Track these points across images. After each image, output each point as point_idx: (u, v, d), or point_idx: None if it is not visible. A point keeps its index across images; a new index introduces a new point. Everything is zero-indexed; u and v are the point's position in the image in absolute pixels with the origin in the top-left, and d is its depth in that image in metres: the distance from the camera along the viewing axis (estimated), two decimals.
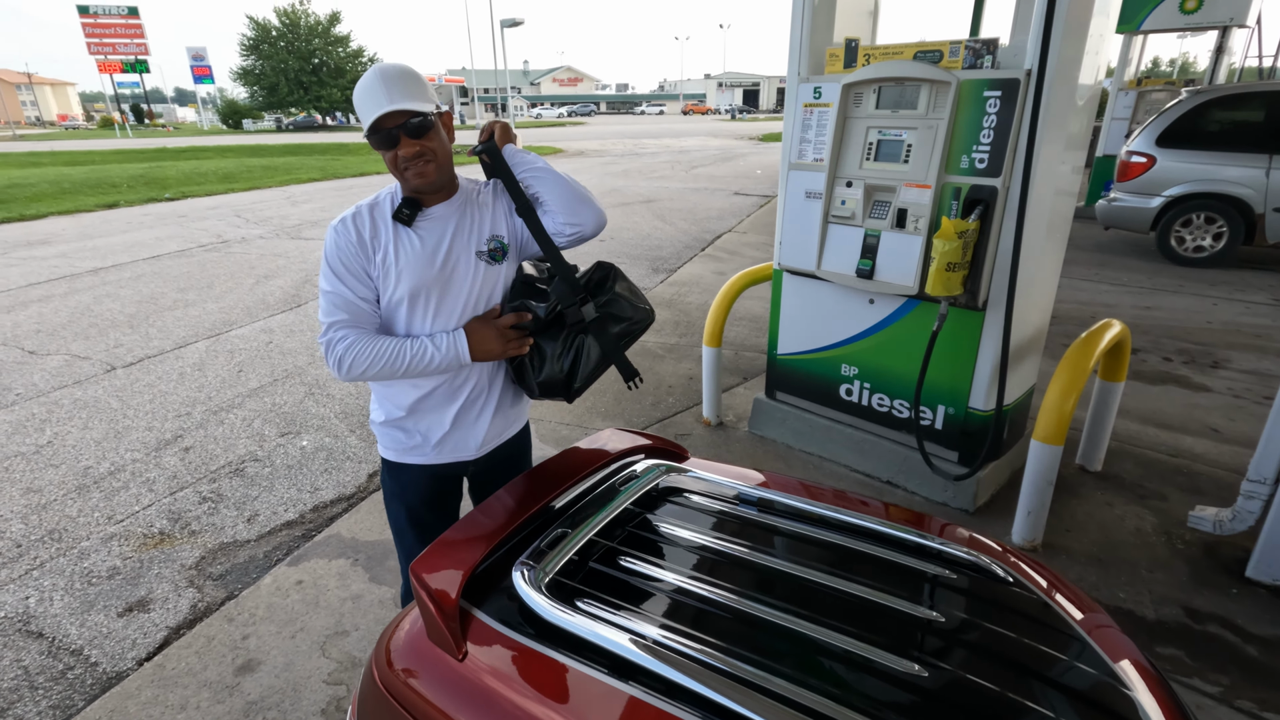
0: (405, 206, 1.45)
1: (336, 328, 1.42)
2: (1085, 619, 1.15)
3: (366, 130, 1.38)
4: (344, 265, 1.42)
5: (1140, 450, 3.24)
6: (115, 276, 6.94)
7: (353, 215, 1.44)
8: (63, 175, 16.04)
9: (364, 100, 1.36)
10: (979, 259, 2.44)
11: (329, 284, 1.44)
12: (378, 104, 1.34)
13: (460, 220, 1.50)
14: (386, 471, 1.65)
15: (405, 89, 1.36)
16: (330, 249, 1.44)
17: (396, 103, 1.33)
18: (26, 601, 2.40)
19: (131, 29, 45.58)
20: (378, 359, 1.41)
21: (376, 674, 1.22)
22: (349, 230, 1.42)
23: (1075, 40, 2.29)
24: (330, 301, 1.43)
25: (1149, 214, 6.80)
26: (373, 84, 1.35)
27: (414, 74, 1.39)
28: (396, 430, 1.57)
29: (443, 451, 1.58)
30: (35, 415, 3.86)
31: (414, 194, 1.47)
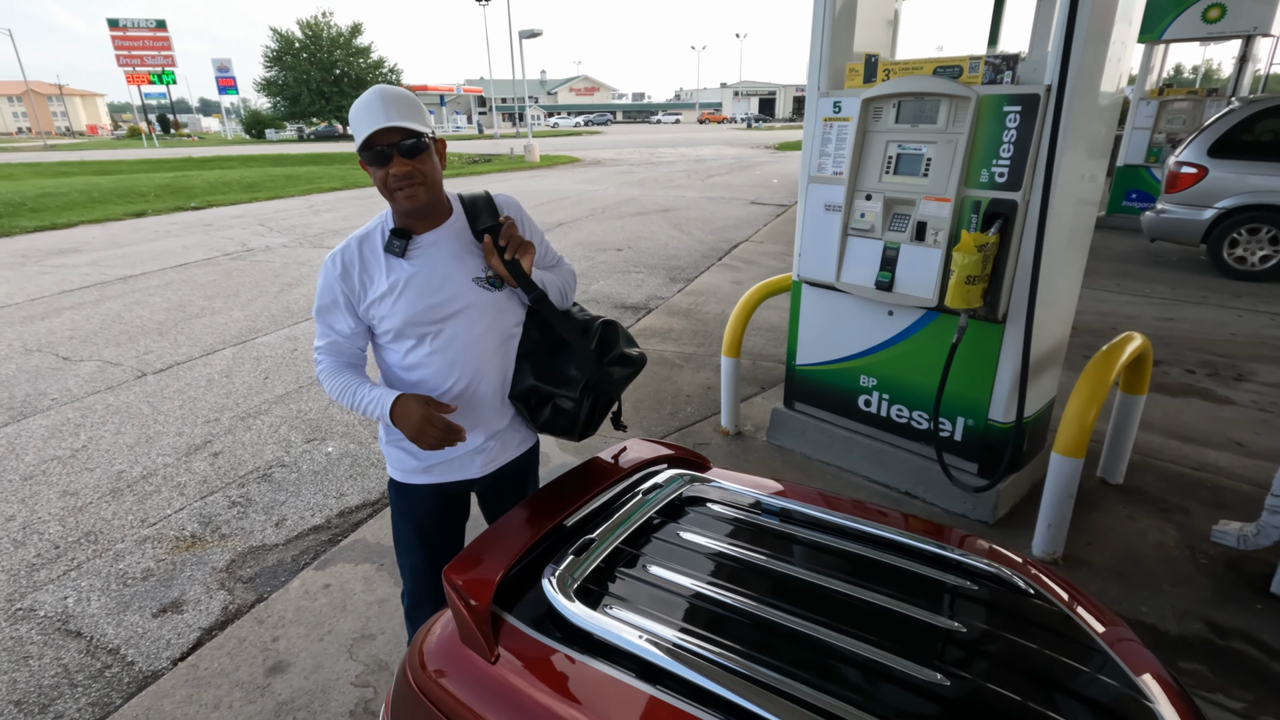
0: (396, 237, 1.45)
1: (319, 352, 1.54)
2: (1107, 632, 1.16)
3: (360, 146, 1.38)
4: (330, 299, 1.48)
5: (1163, 464, 3.21)
6: (144, 284, 7.11)
7: (342, 250, 1.47)
8: (92, 184, 16.42)
9: (361, 116, 1.37)
10: (999, 272, 2.45)
11: (316, 313, 1.53)
12: (374, 120, 1.34)
13: (455, 247, 1.49)
14: (395, 491, 1.67)
15: (403, 110, 1.37)
16: (321, 282, 1.49)
17: (392, 119, 1.34)
18: (65, 601, 2.48)
19: (159, 41, 46.66)
20: (333, 391, 1.51)
21: (410, 675, 1.26)
22: (336, 266, 1.46)
23: (1097, 49, 2.29)
24: (320, 328, 1.53)
25: (1200, 226, 6.63)
26: (371, 102, 1.37)
27: (413, 98, 1.42)
28: (402, 451, 1.60)
29: (449, 471, 1.60)
30: (70, 420, 3.97)
31: (403, 221, 1.47)
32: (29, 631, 2.34)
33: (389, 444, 1.62)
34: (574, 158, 25.03)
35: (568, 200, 13.40)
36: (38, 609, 2.44)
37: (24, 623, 2.38)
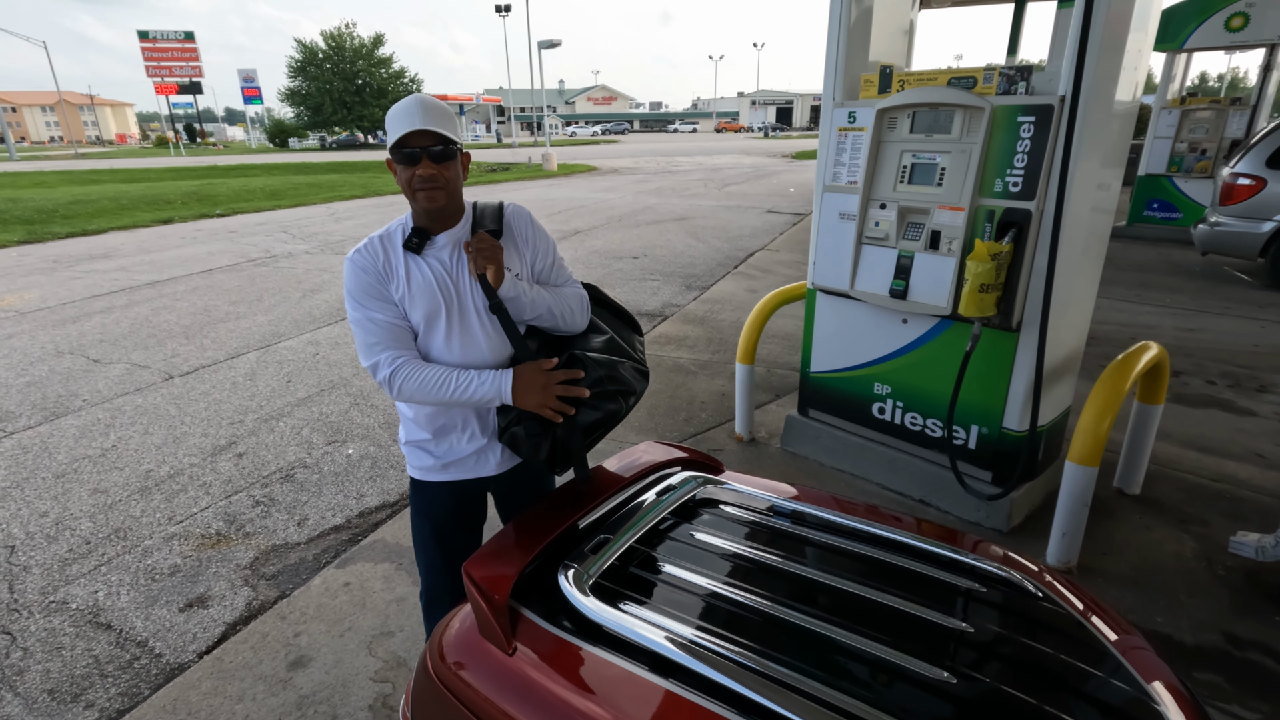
0: (415, 235, 1.52)
1: (381, 350, 1.49)
2: (1119, 639, 1.17)
3: (392, 145, 1.43)
4: (365, 292, 1.49)
5: (1181, 474, 3.19)
6: (171, 289, 7.28)
7: (365, 246, 1.52)
8: (121, 192, 16.82)
9: (398, 117, 1.43)
10: (1013, 280, 2.47)
11: (357, 312, 1.50)
12: (410, 122, 1.41)
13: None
14: (414, 490, 1.71)
15: (437, 118, 1.44)
16: (349, 280, 1.51)
17: (428, 124, 1.41)
18: (96, 595, 2.56)
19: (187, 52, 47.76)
20: (425, 385, 1.47)
21: (430, 666, 1.30)
22: (362, 259, 1.50)
23: (1112, 58, 2.31)
24: (364, 330, 1.50)
25: (1259, 239, 6.47)
26: (410, 106, 1.44)
27: (448, 109, 1.48)
28: (420, 451, 1.64)
29: (464, 469, 1.65)
30: (100, 420, 4.08)
31: (423, 222, 1.53)
32: (62, 623, 2.41)
33: (408, 443, 1.66)
34: (591, 166, 25.20)
35: (585, 208, 13.50)
36: (70, 602, 2.52)
37: (57, 615, 2.46)
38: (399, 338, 1.51)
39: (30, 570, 2.71)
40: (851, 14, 2.87)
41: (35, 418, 4.12)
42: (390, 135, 1.44)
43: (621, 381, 1.58)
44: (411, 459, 1.68)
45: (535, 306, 1.56)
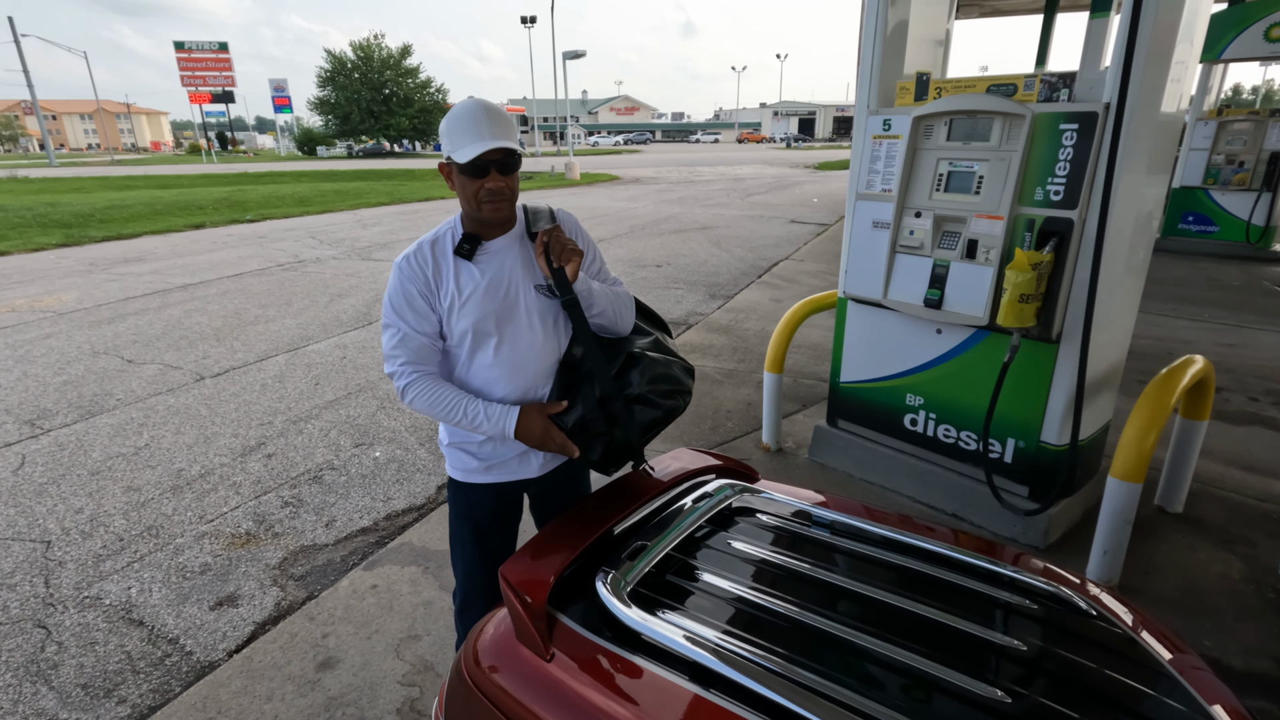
0: (466, 241, 1.51)
1: (399, 362, 1.50)
2: (1176, 658, 1.12)
3: (462, 159, 1.40)
4: (406, 301, 1.49)
5: (1225, 493, 3.09)
6: (203, 292, 7.41)
7: (415, 252, 1.50)
8: (155, 198, 17.23)
9: (464, 129, 1.40)
10: (1053, 291, 2.41)
11: (390, 319, 1.51)
12: (480, 136, 1.39)
13: (520, 254, 1.55)
14: (455, 491, 1.71)
15: (506, 128, 1.43)
16: (394, 285, 1.50)
17: (500, 140, 1.40)
18: (129, 592, 2.58)
19: (221, 63, 48.96)
20: (435, 406, 1.49)
21: (465, 670, 1.29)
22: (413, 267, 1.49)
23: (1158, 70, 2.26)
24: (392, 337, 1.50)
25: None
26: (476, 115, 1.41)
27: (508, 115, 1.48)
28: (463, 452, 1.63)
29: (507, 471, 1.64)
30: (134, 419, 4.15)
31: (474, 228, 1.52)
32: (95, 619, 2.44)
33: (450, 445, 1.65)
34: (613, 175, 25.33)
35: (608, 217, 13.55)
36: (103, 598, 2.55)
37: (91, 610, 2.49)
38: (423, 353, 1.52)
39: (65, 565, 2.75)
40: (888, 24, 2.85)
41: (71, 416, 4.21)
42: (454, 145, 1.42)
43: (676, 380, 1.61)
44: (453, 460, 1.67)
45: (599, 303, 1.56)
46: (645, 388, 1.55)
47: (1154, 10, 2.14)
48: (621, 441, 1.55)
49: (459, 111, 1.44)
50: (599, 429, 1.53)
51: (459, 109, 1.44)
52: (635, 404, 1.54)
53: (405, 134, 55.45)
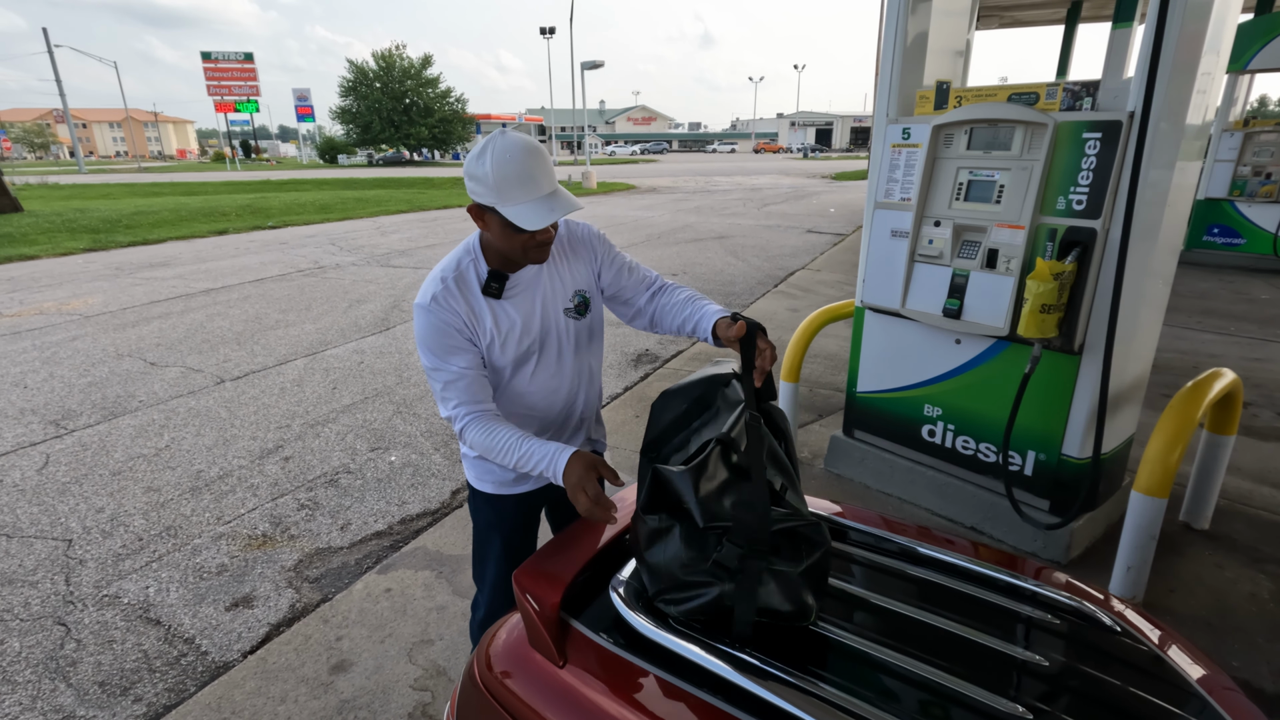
0: (493, 280, 1.44)
1: (453, 405, 1.42)
2: (1204, 678, 1.09)
3: (520, 222, 1.30)
4: (445, 343, 1.41)
5: (1254, 511, 3.02)
6: (225, 297, 7.52)
7: (440, 295, 1.40)
8: (180, 204, 17.55)
9: (515, 182, 1.30)
10: (1075, 301, 2.38)
11: (434, 363, 1.42)
12: (538, 191, 1.31)
13: (549, 281, 1.52)
14: (483, 503, 1.67)
15: (553, 176, 1.35)
16: (427, 331, 1.41)
17: (563, 205, 1.32)
18: (147, 591, 2.61)
19: (246, 73, 49.89)
20: (490, 448, 1.40)
21: (477, 675, 1.29)
22: (443, 313, 1.40)
23: (1183, 79, 2.23)
24: (442, 382, 1.42)
25: None
26: (529, 168, 1.30)
27: (546, 154, 1.37)
28: (491, 464, 1.60)
29: (532, 483, 1.64)
30: (155, 421, 4.21)
31: (502, 264, 1.45)
32: (114, 617, 2.47)
33: (478, 458, 1.61)
34: (630, 185, 25.43)
35: (624, 226, 13.59)
36: (122, 596, 2.58)
37: (110, 608, 2.51)
38: (475, 389, 1.44)
39: (86, 564, 2.78)
40: (908, 34, 2.84)
41: (95, 416, 4.27)
42: (502, 198, 1.30)
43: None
44: (481, 472, 1.64)
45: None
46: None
47: (1179, 19, 2.11)
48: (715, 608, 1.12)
49: (505, 158, 1.28)
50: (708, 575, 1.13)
51: (504, 152, 1.29)
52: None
53: (425, 143, 56.09)
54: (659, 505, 1.19)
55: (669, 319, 1.57)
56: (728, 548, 1.10)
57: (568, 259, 1.56)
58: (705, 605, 1.11)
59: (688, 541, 1.13)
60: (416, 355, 5.39)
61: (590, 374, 1.67)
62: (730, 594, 1.09)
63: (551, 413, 1.60)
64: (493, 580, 1.73)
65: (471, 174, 1.32)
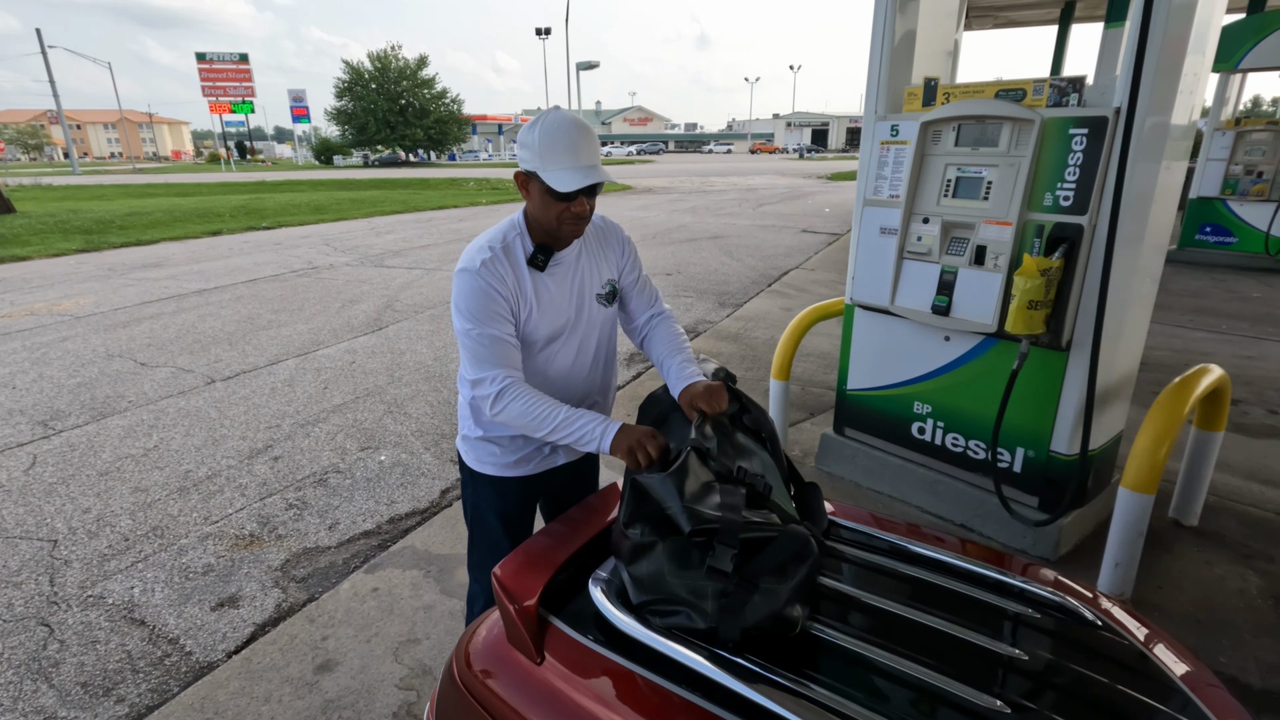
0: (540, 253, 1.48)
1: (490, 367, 1.43)
2: (1188, 674, 1.09)
3: (558, 185, 1.36)
4: (489, 306, 1.43)
5: (1243, 507, 3.02)
6: (217, 298, 7.49)
7: (490, 262, 1.44)
8: (174, 205, 17.48)
9: (560, 149, 1.36)
10: (1063, 297, 2.38)
11: (475, 326, 1.43)
12: (579, 161, 1.37)
13: (586, 264, 1.58)
14: (485, 485, 1.66)
15: (598, 151, 1.42)
16: (472, 290, 1.42)
17: (598, 172, 1.39)
18: (132, 591, 2.59)
19: (241, 73, 49.73)
20: (528, 412, 1.40)
21: (456, 672, 1.28)
22: (493, 271, 1.43)
23: (1168, 81, 2.23)
24: (480, 344, 1.43)
25: None
26: (574, 137, 1.37)
27: (595, 134, 1.43)
28: (494, 446, 1.62)
29: (543, 461, 1.66)
30: (144, 421, 4.18)
31: (546, 239, 1.50)
32: (98, 618, 2.45)
33: (483, 439, 1.61)
34: (626, 185, 25.41)
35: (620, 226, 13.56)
36: (106, 597, 2.56)
37: (94, 609, 2.49)
38: (511, 356, 1.46)
39: (71, 564, 2.76)
40: (895, 34, 2.84)
41: (83, 417, 4.25)
42: (545, 164, 1.37)
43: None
44: (481, 454, 1.64)
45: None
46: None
47: (1164, 18, 2.12)
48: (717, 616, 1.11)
49: (554, 127, 1.37)
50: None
51: (554, 123, 1.37)
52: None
53: (421, 144, 56.00)
54: (640, 517, 1.19)
55: (655, 351, 1.68)
56: (719, 550, 1.09)
57: (602, 248, 1.64)
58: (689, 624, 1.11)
59: (672, 556, 1.13)
60: (408, 355, 5.40)
61: (607, 360, 1.71)
62: (714, 615, 1.08)
63: (569, 395, 1.63)
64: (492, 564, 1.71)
65: (522, 142, 1.41)
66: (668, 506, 1.14)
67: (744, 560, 1.10)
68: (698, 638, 1.11)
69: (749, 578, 1.09)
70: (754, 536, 1.12)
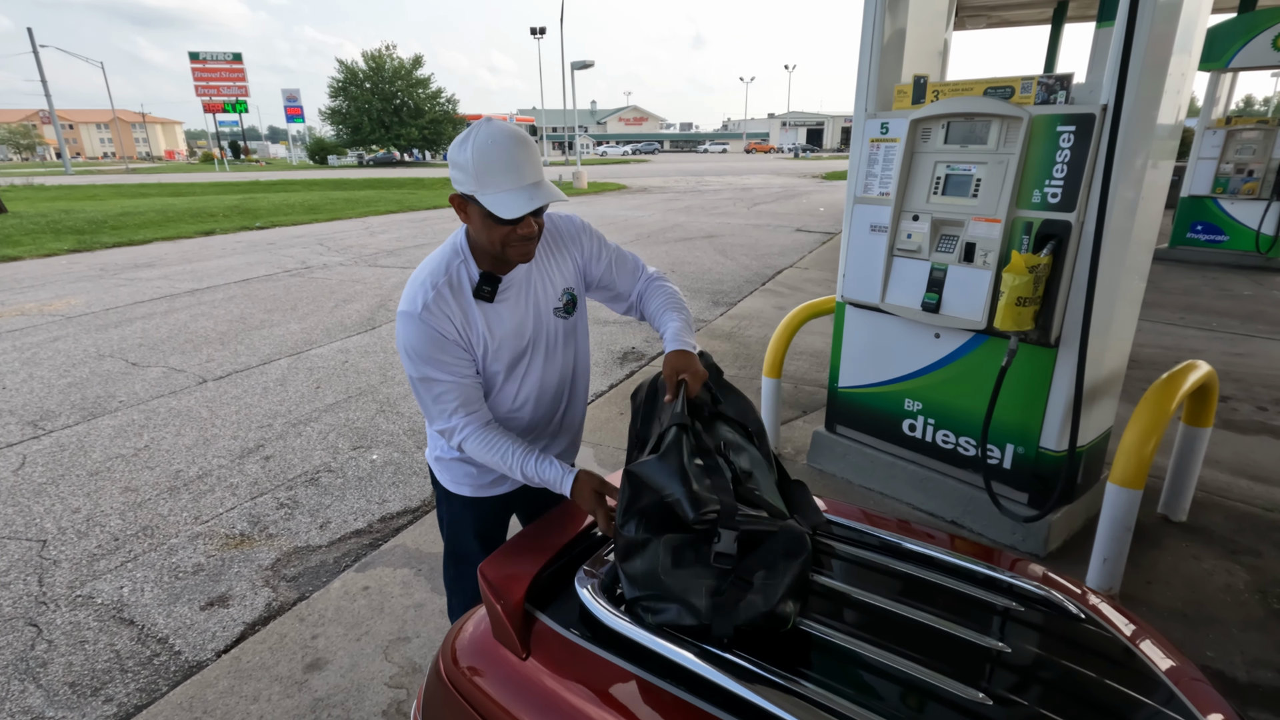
0: (485, 283, 1.38)
1: (450, 413, 1.38)
2: (1173, 669, 1.09)
3: (498, 211, 1.25)
4: (437, 354, 1.34)
5: (1231, 503, 3.04)
6: (210, 297, 7.46)
7: (434, 303, 1.33)
8: (167, 205, 17.41)
9: (498, 170, 1.24)
10: (1051, 294, 2.39)
11: (427, 373, 1.35)
12: (520, 182, 1.25)
13: (538, 279, 1.48)
14: (461, 507, 1.62)
15: (539, 166, 1.29)
16: (419, 340, 1.33)
17: (543, 193, 1.26)
18: (121, 591, 2.58)
19: (235, 73, 49.54)
20: (490, 455, 1.38)
21: (442, 669, 1.27)
22: (437, 320, 1.34)
23: (1154, 79, 2.25)
24: (436, 394, 1.37)
25: None
26: (513, 155, 1.25)
27: (534, 145, 1.31)
28: (470, 467, 1.57)
29: (512, 483, 1.62)
30: (135, 421, 4.16)
31: (492, 265, 1.40)
32: (86, 617, 2.44)
33: (457, 460, 1.56)
34: (621, 185, 25.42)
35: (614, 225, 13.58)
36: (95, 596, 2.55)
37: (83, 609, 2.48)
38: (470, 396, 1.39)
39: (60, 564, 2.75)
40: (885, 33, 2.84)
41: (74, 417, 4.23)
42: (481, 186, 1.25)
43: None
44: (455, 475, 1.59)
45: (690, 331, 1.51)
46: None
47: (1150, 17, 2.13)
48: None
49: (488, 144, 1.24)
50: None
51: (488, 139, 1.24)
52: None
53: (415, 144, 55.86)
54: (635, 512, 1.18)
55: (649, 309, 1.61)
56: (724, 536, 1.09)
57: (554, 256, 1.51)
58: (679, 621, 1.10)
59: (667, 553, 1.13)
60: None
61: (576, 372, 1.64)
62: (706, 612, 1.08)
63: (539, 413, 1.57)
64: (474, 587, 1.69)
65: (454, 161, 1.28)
66: (667, 494, 1.13)
67: (740, 556, 1.10)
68: (686, 633, 1.11)
69: (742, 575, 1.09)
70: (751, 530, 1.12)
